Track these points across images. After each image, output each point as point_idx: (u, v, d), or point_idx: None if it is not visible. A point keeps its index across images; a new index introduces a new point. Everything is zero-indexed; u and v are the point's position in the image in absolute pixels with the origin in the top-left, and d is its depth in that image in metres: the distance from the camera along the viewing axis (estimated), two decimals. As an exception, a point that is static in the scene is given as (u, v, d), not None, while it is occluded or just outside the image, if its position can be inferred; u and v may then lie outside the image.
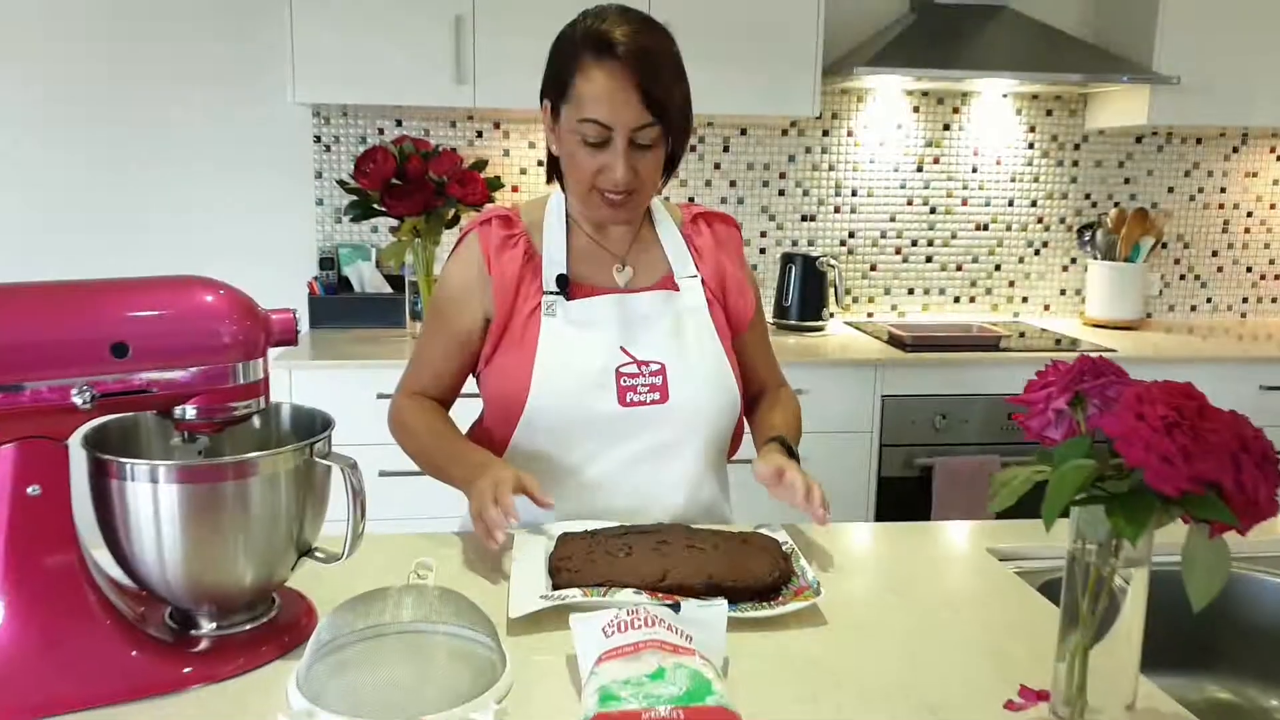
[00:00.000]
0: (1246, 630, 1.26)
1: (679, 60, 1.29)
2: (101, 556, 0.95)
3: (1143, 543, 0.76)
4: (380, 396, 2.47)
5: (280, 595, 1.06)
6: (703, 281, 1.41)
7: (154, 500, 0.90)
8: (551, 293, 1.35)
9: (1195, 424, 0.70)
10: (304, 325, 2.92)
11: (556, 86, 1.29)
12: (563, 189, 1.40)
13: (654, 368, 1.34)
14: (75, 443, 0.91)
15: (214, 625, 0.98)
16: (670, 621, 0.92)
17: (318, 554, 1.01)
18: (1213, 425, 0.70)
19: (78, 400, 0.86)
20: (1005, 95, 3.19)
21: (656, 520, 1.31)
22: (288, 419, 1.08)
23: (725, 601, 0.98)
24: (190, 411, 0.94)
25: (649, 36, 1.26)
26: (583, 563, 1.12)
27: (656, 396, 1.33)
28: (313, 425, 1.05)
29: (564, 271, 1.36)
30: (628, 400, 1.33)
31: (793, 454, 1.34)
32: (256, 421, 1.05)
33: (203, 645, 0.97)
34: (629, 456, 1.34)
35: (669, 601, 1.00)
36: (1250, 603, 1.27)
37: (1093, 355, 0.84)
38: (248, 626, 1.00)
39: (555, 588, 1.10)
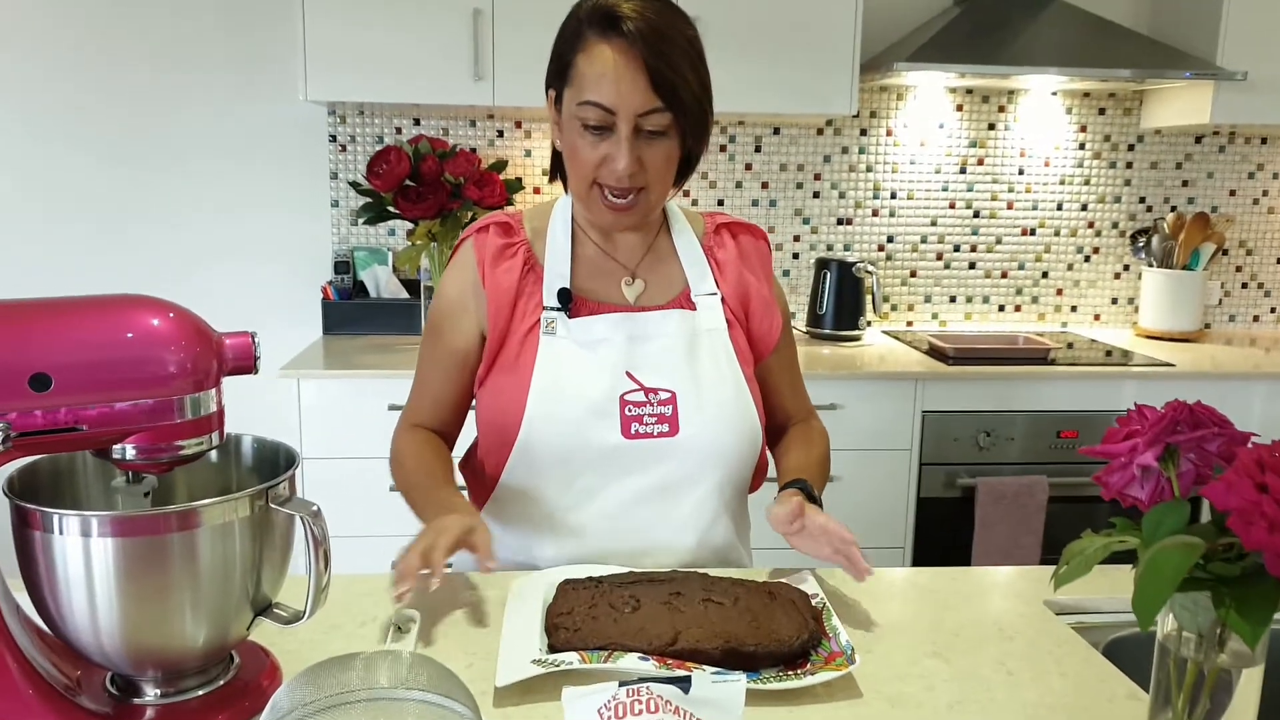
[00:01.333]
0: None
1: (696, 45, 1.16)
2: (28, 602, 0.84)
3: (1261, 641, 0.62)
4: (393, 408, 2.36)
5: (239, 653, 0.93)
6: (723, 300, 1.27)
7: (85, 556, 0.78)
8: (552, 308, 1.22)
9: (1334, 500, 0.56)
10: (317, 331, 2.82)
11: (559, 70, 1.17)
12: (566, 190, 1.26)
13: (663, 396, 1.20)
14: (-2, 485, 0.80)
15: (159, 692, 0.86)
16: (677, 704, 0.78)
17: (278, 612, 0.89)
18: (1355, 501, 0.56)
19: (-12, 442, 0.74)
20: (1054, 93, 3.01)
21: (662, 566, 1.17)
22: (250, 453, 0.96)
23: (744, 676, 0.84)
24: (130, 451, 0.81)
25: (660, 14, 1.13)
26: (583, 619, 0.98)
27: (665, 429, 1.19)
28: (276, 461, 0.93)
29: (567, 285, 1.23)
30: (632, 431, 1.19)
31: (814, 500, 1.20)
32: (214, 457, 0.93)
33: (148, 716, 0.85)
34: (632, 494, 1.20)
35: (679, 672, 0.86)
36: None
37: (1189, 402, 0.69)
38: (200, 692, 0.88)
39: (551, 648, 0.97)
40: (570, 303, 1.22)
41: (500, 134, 2.90)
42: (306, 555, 0.85)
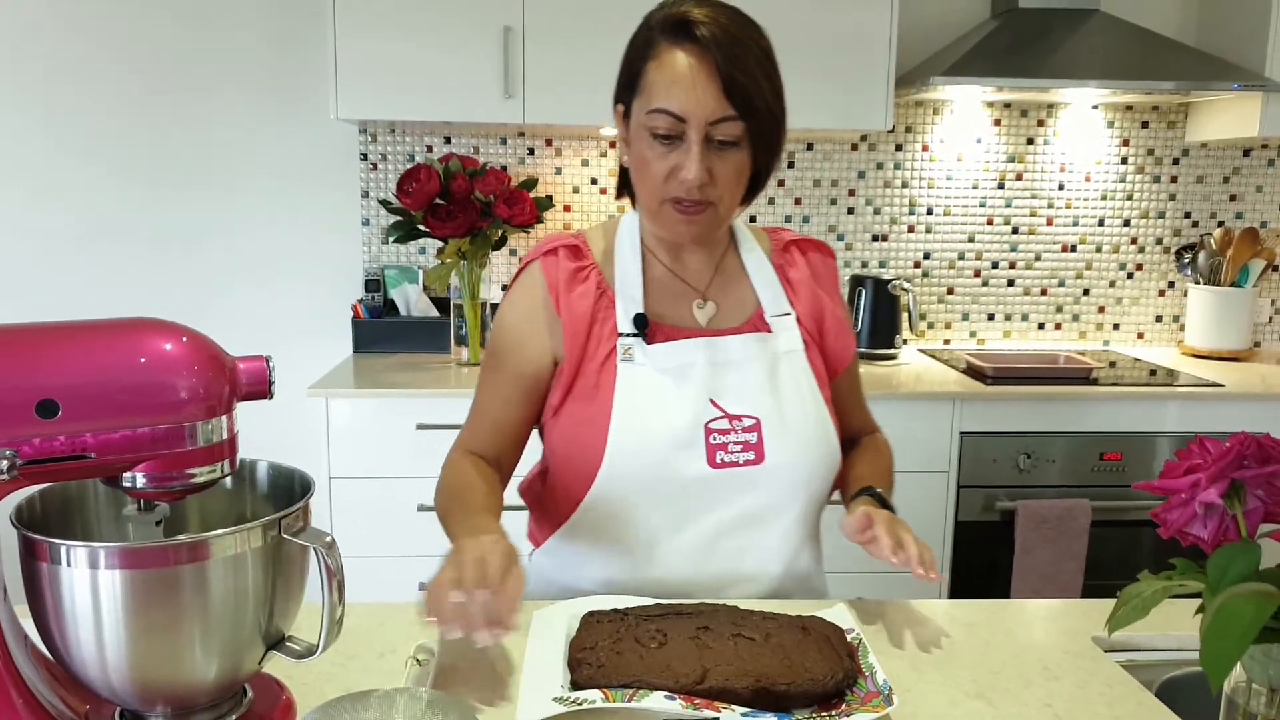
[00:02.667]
0: None
1: (770, 53, 1.13)
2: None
3: (1340, 700, 0.57)
4: (421, 427, 2.34)
5: (253, 685, 0.91)
6: (798, 320, 1.24)
7: (93, 588, 0.76)
8: (628, 334, 1.17)
9: None
10: (347, 350, 2.81)
11: (628, 81, 1.15)
12: (634, 206, 1.23)
13: (747, 423, 1.16)
14: (4, 512, 0.78)
15: (170, 728, 0.84)
16: None
17: (291, 645, 0.86)
18: None
19: (-7, 470, 0.72)
20: (1096, 106, 2.95)
21: (748, 596, 1.14)
22: (265, 480, 0.93)
23: (775, 718, 0.80)
24: (140, 479, 0.79)
25: (734, 21, 1.10)
26: (608, 655, 0.95)
27: (751, 456, 1.16)
28: (292, 488, 0.90)
29: (641, 309, 1.19)
30: (718, 460, 1.15)
31: (886, 506, 1.17)
32: (229, 484, 0.91)
33: (156, 751, 0.82)
34: (718, 524, 1.16)
35: (707, 713, 0.82)
36: None
37: (1257, 435, 0.64)
38: (211, 728, 0.85)
39: (574, 685, 0.93)
40: (647, 328, 1.18)
41: (531, 151, 2.88)
42: (320, 586, 0.82)
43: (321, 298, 2.88)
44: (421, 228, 2.50)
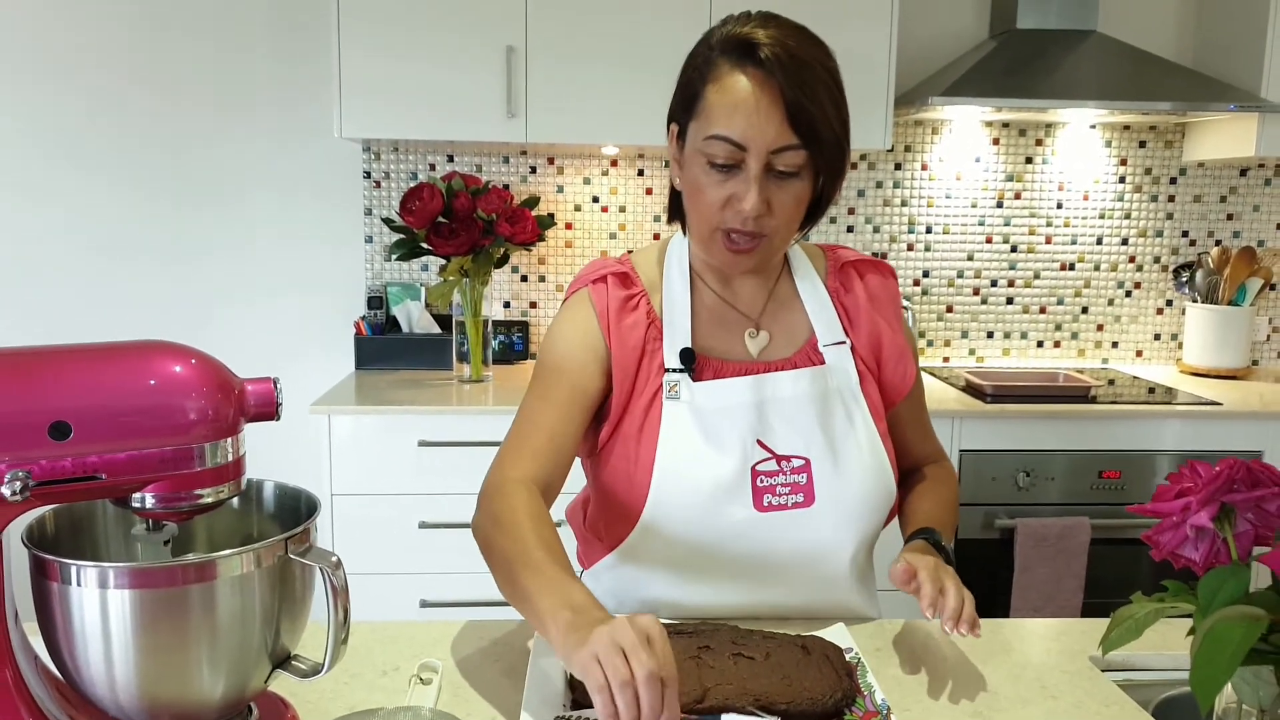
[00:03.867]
0: None
1: (836, 77, 1.06)
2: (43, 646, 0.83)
3: (1328, 722, 0.58)
4: (422, 444, 2.36)
5: (258, 704, 0.92)
6: (853, 349, 1.19)
7: (103, 607, 0.77)
8: (675, 370, 1.13)
9: None
10: (350, 366, 2.82)
11: (685, 102, 1.09)
12: (684, 231, 1.18)
13: (796, 464, 1.12)
14: (16, 532, 0.79)
15: (176, 746, 0.85)
16: None
17: (297, 664, 0.87)
18: None
19: (6, 491, 0.73)
20: (1093, 126, 2.97)
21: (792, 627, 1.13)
22: (271, 500, 0.94)
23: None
24: (150, 500, 0.80)
25: (800, 43, 1.04)
26: (609, 673, 0.95)
27: (800, 499, 1.12)
28: (298, 508, 0.91)
29: (689, 343, 1.14)
30: (765, 504, 1.11)
31: (941, 549, 1.14)
32: (236, 503, 0.92)
33: (163, 769, 0.83)
34: (764, 565, 1.14)
35: (707, 732, 0.83)
36: None
37: (1246, 460, 0.66)
38: (217, 745, 0.86)
39: (575, 704, 0.94)
40: (694, 363, 1.14)
41: (533, 170, 2.90)
42: (326, 605, 0.84)
43: (324, 314, 2.89)
44: (424, 245, 2.51)
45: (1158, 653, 1.11)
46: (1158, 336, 3.10)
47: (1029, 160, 3.00)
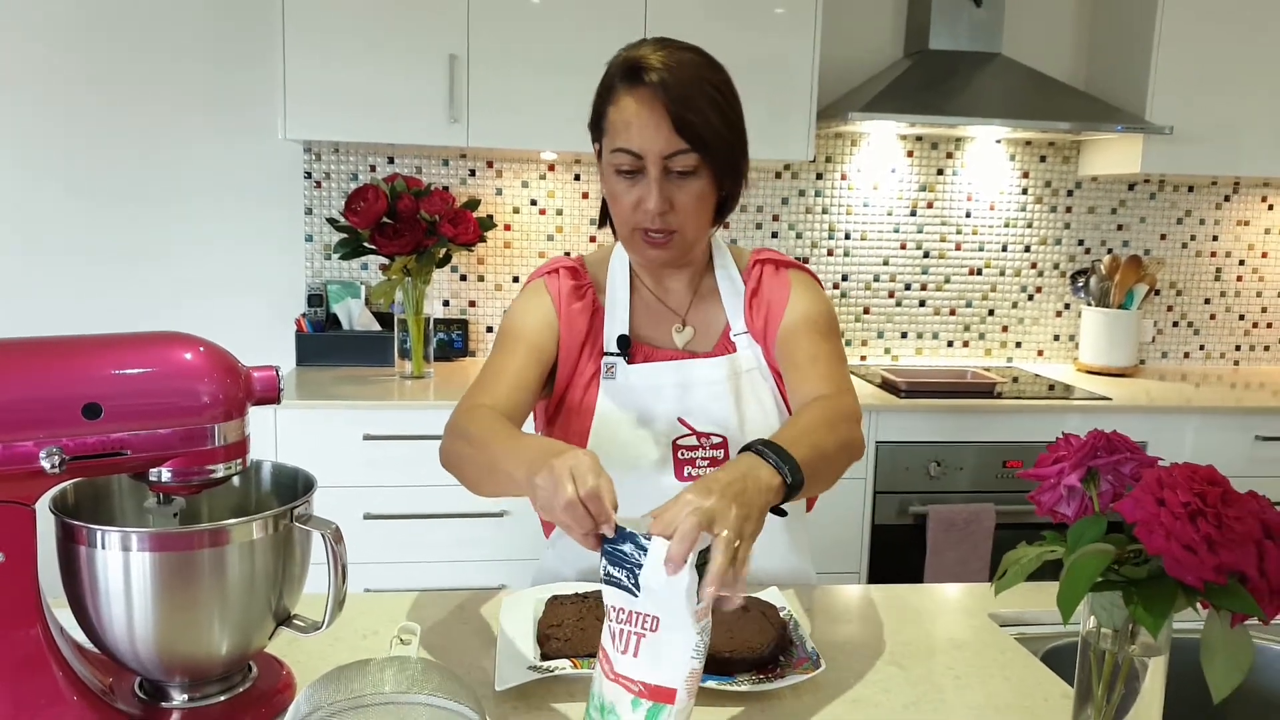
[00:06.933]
0: (1266, 702, 1.22)
1: (722, 87, 1.21)
2: (64, 615, 0.91)
3: (1163, 632, 0.73)
4: (367, 437, 2.43)
5: (256, 663, 1.01)
6: (751, 335, 1.33)
7: (125, 569, 0.86)
8: (612, 353, 1.30)
9: (1219, 511, 0.67)
10: (290, 363, 2.87)
11: (596, 122, 1.25)
12: (615, 235, 1.33)
13: (715, 440, 1.28)
14: (42, 505, 0.87)
15: (186, 697, 0.94)
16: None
17: (297, 622, 0.97)
18: (1236, 513, 0.67)
19: (46, 464, 0.82)
20: (999, 141, 3.19)
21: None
22: (268, 478, 1.04)
23: (719, 681, 0.94)
24: (166, 474, 0.90)
25: (683, 64, 1.19)
26: (573, 630, 1.08)
27: None
28: (294, 485, 1.01)
29: (626, 331, 1.31)
30: (685, 475, 1.26)
31: (758, 451, 1.00)
32: (236, 481, 1.01)
33: (174, 719, 0.92)
34: None
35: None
36: (1269, 674, 1.23)
37: (1106, 431, 0.81)
38: (222, 698, 0.95)
39: (544, 657, 1.06)
40: (629, 348, 1.30)
41: (472, 173, 3.00)
42: (326, 570, 0.94)
43: (265, 312, 2.94)
44: (368, 245, 2.59)
45: (1045, 610, 1.28)
46: (1057, 337, 3.34)
47: (940, 172, 3.20)
